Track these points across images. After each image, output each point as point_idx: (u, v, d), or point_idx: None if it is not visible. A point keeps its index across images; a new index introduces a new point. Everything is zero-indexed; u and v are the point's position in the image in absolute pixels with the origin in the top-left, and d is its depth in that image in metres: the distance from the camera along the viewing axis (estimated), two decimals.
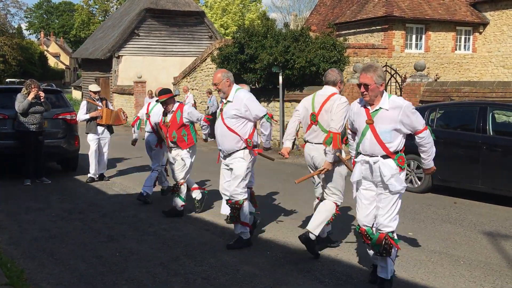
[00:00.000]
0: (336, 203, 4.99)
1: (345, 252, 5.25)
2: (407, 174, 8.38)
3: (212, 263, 4.89)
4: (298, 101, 14.48)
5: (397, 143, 4.07)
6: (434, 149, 4.29)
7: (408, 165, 8.36)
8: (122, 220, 6.53)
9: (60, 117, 9.44)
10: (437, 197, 7.94)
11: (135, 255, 5.12)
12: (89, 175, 9.18)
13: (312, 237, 4.88)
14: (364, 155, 4.15)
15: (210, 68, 18.25)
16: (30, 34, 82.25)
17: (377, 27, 20.92)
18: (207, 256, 5.09)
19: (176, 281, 4.45)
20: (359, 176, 4.22)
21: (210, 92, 17.51)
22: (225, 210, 5.91)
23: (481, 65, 22.35)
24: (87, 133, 9.11)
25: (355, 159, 4.32)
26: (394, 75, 11.45)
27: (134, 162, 11.33)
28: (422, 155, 4.31)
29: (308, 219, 6.48)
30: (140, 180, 9.31)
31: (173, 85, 21.03)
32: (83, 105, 9.20)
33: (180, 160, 6.62)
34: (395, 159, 4.07)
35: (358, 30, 21.96)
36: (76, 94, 40.64)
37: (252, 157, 5.40)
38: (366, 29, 21.56)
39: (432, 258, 5.08)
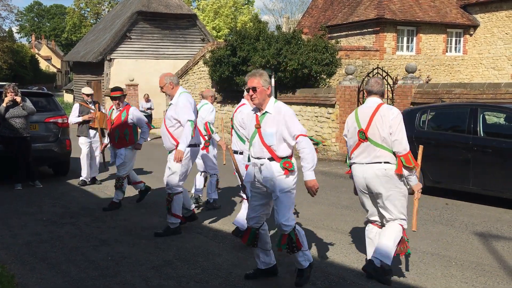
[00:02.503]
0: (402, 226, 4.41)
1: (338, 254, 5.26)
2: None
3: (205, 266, 4.88)
4: (291, 104, 14.58)
5: (282, 148, 4.19)
6: (313, 157, 4.12)
7: None
8: (114, 224, 6.50)
9: (51, 120, 9.39)
10: (429, 198, 7.97)
11: (128, 259, 5.10)
12: (81, 178, 9.14)
13: (379, 264, 4.32)
14: (254, 158, 4.30)
15: (203, 70, 18.26)
16: (21, 37, 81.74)
17: (369, 30, 21.03)
18: (199, 259, 5.08)
19: (169, 284, 4.44)
20: (251, 178, 4.34)
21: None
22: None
23: (472, 67, 22.53)
24: (79, 136, 9.06)
25: (247, 162, 4.50)
26: (386, 78, 11.49)
27: None
28: (301, 162, 4.16)
29: (306, 222, 6.50)
30: None
31: None
32: (75, 107, 9.16)
33: (120, 157, 7.27)
34: (281, 163, 4.18)
35: (349, 32, 22.06)
36: (67, 97, 40.39)
37: (188, 157, 5.76)
38: (357, 31, 21.67)
39: (424, 259, 5.10)
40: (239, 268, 4.82)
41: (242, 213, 5.49)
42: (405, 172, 4.30)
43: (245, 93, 5.40)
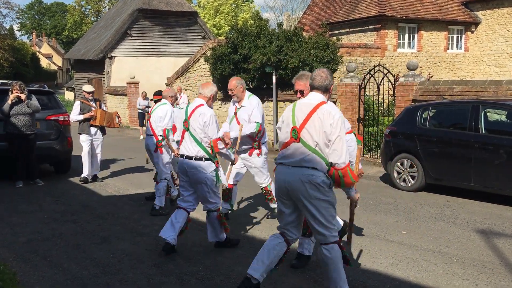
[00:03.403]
0: (337, 243, 3.87)
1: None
2: (400, 173, 8.44)
3: (206, 263, 4.89)
4: (292, 101, 14.43)
5: None
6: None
7: (401, 164, 8.40)
8: (116, 221, 6.51)
9: (53, 118, 9.39)
10: (430, 195, 7.97)
11: (129, 256, 5.10)
12: (82, 175, 9.14)
13: None
14: None
15: (203, 68, 18.24)
16: (22, 35, 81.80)
17: (370, 27, 21.00)
18: (201, 256, 5.08)
19: (170, 281, 4.45)
20: None
21: None
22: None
23: (473, 64, 22.48)
24: (80, 134, 9.06)
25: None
26: (387, 75, 11.46)
27: (128, 163, 11.29)
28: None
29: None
30: (134, 181, 9.29)
31: (166, 85, 20.99)
32: (77, 105, 9.15)
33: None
34: None
35: (351, 29, 22.03)
36: (68, 95, 40.42)
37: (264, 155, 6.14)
38: (359, 28, 21.64)
39: (425, 257, 5.10)
40: (240, 265, 4.82)
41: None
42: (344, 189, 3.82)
43: (205, 93, 5.13)
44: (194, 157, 5.01)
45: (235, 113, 6.05)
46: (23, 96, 8.55)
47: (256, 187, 8.08)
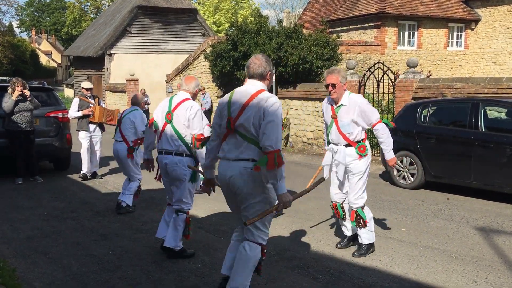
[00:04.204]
0: (262, 245, 3.70)
1: (338, 249, 5.26)
2: (400, 171, 8.44)
3: (205, 260, 4.89)
4: (292, 98, 14.51)
5: (357, 134, 4.82)
6: (391, 140, 4.91)
7: (401, 161, 8.40)
8: (115, 218, 6.50)
9: (52, 115, 9.38)
10: (430, 193, 7.97)
11: (128, 253, 5.10)
12: (81, 172, 9.13)
13: None
14: (332, 143, 4.97)
15: (203, 65, 18.22)
16: (21, 32, 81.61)
17: (370, 24, 20.99)
18: (200, 253, 5.08)
19: (169, 278, 4.45)
20: (329, 161, 5.01)
21: (203, 90, 17.47)
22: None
23: (473, 61, 22.48)
24: (78, 131, 9.05)
25: (326, 147, 5.09)
26: (387, 72, 11.46)
27: None
28: (381, 146, 5.00)
29: (304, 216, 6.50)
30: None
31: (166, 82, 20.97)
32: (75, 102, 9.14)
33: None
34: (356, 147, 4.83)
35: (351, 27, 22.01)
36: (68, 92, 40.37)
37: None
38: (359, 26, 21.62)
39: (425, 254, 5.10)
40: None
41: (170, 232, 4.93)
42: (268, 176, 3.42)
43: (190, 88, 4.88)
44: (174, 152, 4.72)
45: None
46: (27, 92, 8.56)
47: None
